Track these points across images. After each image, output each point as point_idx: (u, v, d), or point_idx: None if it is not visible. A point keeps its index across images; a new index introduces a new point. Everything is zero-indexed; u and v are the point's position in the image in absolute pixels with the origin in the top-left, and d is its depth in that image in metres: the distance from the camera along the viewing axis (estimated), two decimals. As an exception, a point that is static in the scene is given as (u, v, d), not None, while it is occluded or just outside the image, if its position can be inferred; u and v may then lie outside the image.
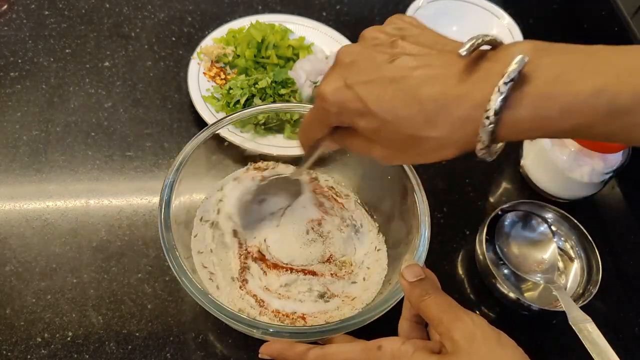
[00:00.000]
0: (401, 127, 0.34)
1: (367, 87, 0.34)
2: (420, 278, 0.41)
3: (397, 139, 0.35)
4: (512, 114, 0.31)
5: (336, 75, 0.36)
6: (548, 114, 0.30)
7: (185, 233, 0.52)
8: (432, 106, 0.32)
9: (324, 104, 0.36)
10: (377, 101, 0.34)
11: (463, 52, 0.32)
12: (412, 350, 0.38)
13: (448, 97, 0.32)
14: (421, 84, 0.33)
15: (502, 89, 0.30)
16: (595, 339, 0.49)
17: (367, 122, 0.35)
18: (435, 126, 0.33)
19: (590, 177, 0.63)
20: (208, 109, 0.67)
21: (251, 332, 0.43)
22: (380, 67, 0.34)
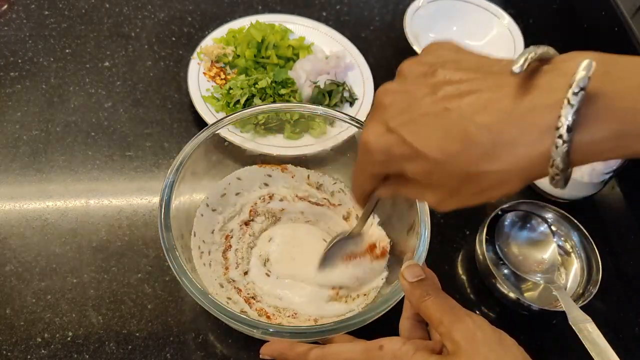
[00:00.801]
0: (455, 165, 0.30)
1: (410, 127, 0.31)
2: (420, 278, 0.41)
3: (452, 180, 0.31)
4: (589, 132, 0.27)
5: (376, 119, 0.33)
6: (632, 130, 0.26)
7: (185, 233, 0.52)
8: (488, 136, 0.28)
9: (368, 154, 0.33)
10: (424, 141, 0.30)
11: (516, 69, 0.28)
12: (413, 350, 0.38)
13: (505, 123, 0.28)
14: (471, 113, 0.29)
15: (573, 101, 0.26)
16: (595, 339, 0.49)
17: (417, 166, 0.31)
18: (494, 159, 0.29)
19: (590, 177, 0.63)
20: (208, 109, 0.67)
21: (251, 332, 0.43)
22: (422, 103, 0.31)
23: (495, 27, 0.82)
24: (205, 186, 0.55)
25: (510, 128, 0.28)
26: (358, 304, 0.52)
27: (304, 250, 0.55)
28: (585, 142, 0.27)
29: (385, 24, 0.86)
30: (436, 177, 0.31)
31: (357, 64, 0.76)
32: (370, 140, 0.33)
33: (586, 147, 0.27)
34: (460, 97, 0.30)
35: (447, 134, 0.30)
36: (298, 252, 0.55)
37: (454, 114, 0.30)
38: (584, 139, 0.27)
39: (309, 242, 0.56)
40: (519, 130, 0.28)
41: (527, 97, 0.28)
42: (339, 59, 0.74)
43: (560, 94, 0.27)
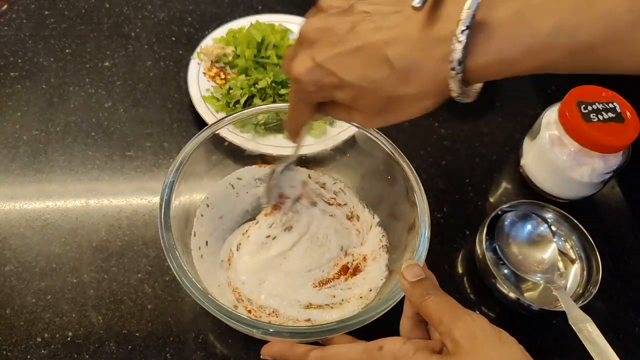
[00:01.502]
0: (377, 90, 0.35)
1: (335, 60, 0.35)
2: (420, 278, 0.41)
3: (376, 103, 0.36)
4: (476, 60, 0.31)
5: (304, 54, 0.37)
6: (511, 56, 0.30)
7: (185, 233, 0.52)
8: (401, 65, 0.33)
9: (301, 85, 0.38)
10: (348, 71, 0.35)
11: (416, 4, 0.32)
12: (413, 350, 0.38)
13: (413, 53, 0.33)
14: (386, 45, 0.33)
15: (461, 38, 0.30)
16: (595, 339, 0.49)
17: (345, 93, 0.36)
18: (408, 83, 0.34)
19: (590, 177, 0.63)
20: (208, 109, 0.67)
21: (251, 332, 0.43)
22: (343, 38, 0.35)
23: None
24: (205, 186, 0.55)
25: (418, 57, 0.33)
26: (358, 305, 0.52)
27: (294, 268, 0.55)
28: (474, 68, 0.31)
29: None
30: (362, 101, 0.36)
31: (357, 64, 0.76)
32: (302, 74, 0.37)
33: (475, 72, 0.32)
34: (376, 31, 0.34)
35: (368, 64, 0.34)
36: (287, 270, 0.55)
37: (372, 47, 0.34)
38: (472, 65, 0.31)
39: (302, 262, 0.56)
40: (424, 58, 0.33)
41: (428, 28, 0.32)
42: (339, 59, 0.73)
43: (453, 26, 0.31)
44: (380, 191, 0.56)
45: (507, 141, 0.73)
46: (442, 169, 0.69)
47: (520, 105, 0.77)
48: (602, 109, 0.61)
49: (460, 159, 0.70)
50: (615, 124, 0.60)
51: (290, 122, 0.44)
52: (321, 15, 0.38)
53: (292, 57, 0.39)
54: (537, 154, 0.66)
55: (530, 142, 0.68)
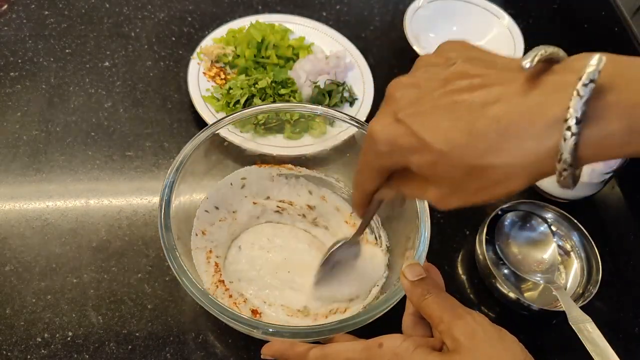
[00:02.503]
0: (460, 157, 0.29)
1: (418, 118, 0.31)
2: (421, 277, 0.41)
3: (455, 174, 0.30)
4: (598, 126, 0.26)
5: (385, 111, 0.33)
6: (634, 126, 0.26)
7: (185, 233, 0.52)
8: (495, 128, 0.28)
9: (373, 145, 0.33)
10: (430, 132, 0.30)
11: (526, 64, 0.28)
12: (413, 347, 0.38)
13: (513, 115, 0.28)
14: (480, 106, 0.29)
15: (582, 92, 0.26)
16: (595, 339, 0.49)
17: (422, 158, 0.31)
18: (500, 152, 0.28)
19: (590, 177, 0.63)
20: (208, 109, 0.67)
21: (251, 332, 0.43)
22: (432, 96, 0.31)
23: (495, 27, 0.82)
24: (205, 186, 0.55)
25: (518, 121, 0.27)
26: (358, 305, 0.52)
27: (299, 259, 0.55)
28: (594, 137, 0.26)
29: (385, 24, 0.86)
30: (440, 169, 0.31)
31: (357, 64, 0.76)
32: (377, 130, 0.32)
33: (595, 142, 0.26)
34: (470, 90, 0.30)
35: (454, 125, 0.29)
36: (293, 261, 0.55)
37: (463, 107, 0.29)
38: (592, 133, 0.26)
39: (303, 251, 0.56)
40: (526, 123, 0.27)
41: (536, 91, 0.28)
42: (339, 59, 0.74)
43: (570, 89, 0.26)
44: (380, 191, 0.56)
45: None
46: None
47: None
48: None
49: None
50: (615, 124, 0.60)
51: (355, 190, 0.39)
52: (415, 73, 0.33)
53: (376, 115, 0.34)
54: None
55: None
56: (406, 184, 0.35)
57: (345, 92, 0.72)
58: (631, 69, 0.27)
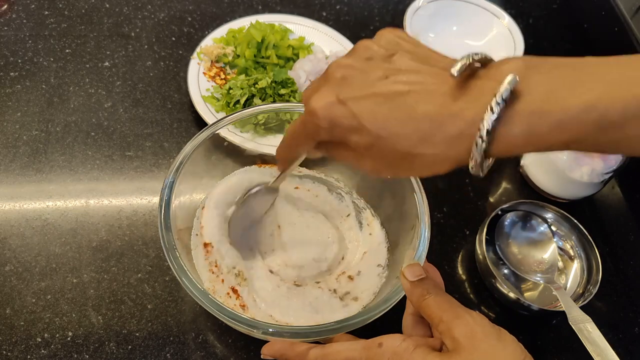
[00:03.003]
0: (395, 144, 0.33)
1: (361, 103, 0.34)
2: (421, 277, 0.41)
3: (390, 155, 0.34)
4: (504, 132, 0.31)
5: (327, 89, 0.35)
6: (540, 130, 0.30)
7: (185, 233, 0.52)
8: (428, 125, 0.32)
9: (314, 119, 0.35)
10: (371, 118, 0.33)
11: (455, 73, 0.32)
12: (412, 347, 0.38)
13: (443, 116, 0.32)
14: (416, 102, 0.33)
15: (495, 109, 0.30)
16: (595, 339, 0.49)
17: (360, 138, 0.34)
18: (430, 144, 0.33)
19: (590, 177, 0.63)
20: (208, 109, 0.67)
21: (251, 332, 0.43)
22: (374, 83, 0.34)
23: (495, 27, 0.82)
24: (205, 186, 0.55)
25: (446, 121, 0.32)
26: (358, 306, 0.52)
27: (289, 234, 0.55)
28: (500, 139, 0.31)
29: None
30: (375, 150, 0.34)
31: (357, 64, 0.76)
32: (319, 107, 0.35)
33: (501, 144, 0.31)
34: (409, 84, 0.33)
35: (393, 115, 0.33)
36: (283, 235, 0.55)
37: (402, 100, 0.33)
38: (499, 137, 0.31)
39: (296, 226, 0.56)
40: (452, 123, 0.32)
41: (463, 96, 0.32)
42: (339, 59, 0.73)
43: (487, 98, 0.31)
44: (380, 191, 0.57)
45: (507, 141, 0.73)
46: (442, 169, 0.69)
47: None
48: (602, 109, 0.61)
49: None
50: (615, 124, 0.60)
51: (284, 150, 0.42)
52: (355, 57, 0.36)
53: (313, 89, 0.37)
54: (537, 154, 0.66)
55: (530, 142, 0.68)
56: (340, 152, 0.38)
57: (345, 92, 0.72)
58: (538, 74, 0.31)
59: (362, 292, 0.52)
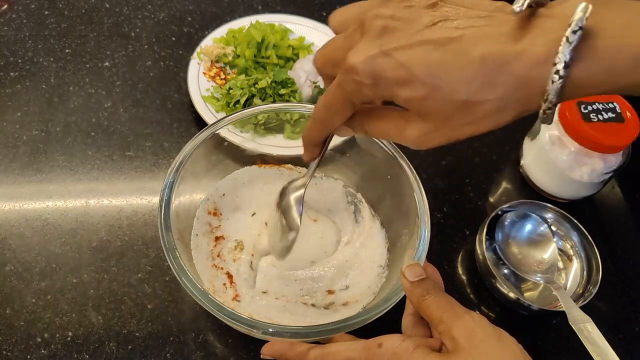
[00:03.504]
0: (454, 92, 0.30)
1: (409, 52, 0.30)
2: (421, 277, 0.41)
3: (446, 108, 0.31)
4: (580, 68, 0.28)
5: (367, 42, 0.31)
6: (620, 65, 0.28)
7: (185, 233, 0.52)
8: (490, 65, 0.29)
9: (355, 76, 0.31)
10: (423, 66, 0.30)
11: (517, 9, 0.29)
12: (412, 347, 0.38)
13: (507, 55, 0.29)
14: (473, 45, 0.29)
15: (572, 39, 0.27)
16: (595, 339, 0.49)
17: (412, 91, 0.30)
18: (494, 87, 0.29)
19: (590, 177, 0.63)
20: (208, 109, 0.67)
21: (251, 332, 0.43)
22: (422, 31, 0.30)
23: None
24: (205, 186, 0.55)
25: (511, 61, 0.29)
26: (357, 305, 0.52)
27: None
28: (576, 77, 0.28)
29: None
30: (431, 103, 0.31)
31: (357, 64, 0.76)
32: (360, 61, 0.31)
33: (577, 82, 0.29)
34: (462, 28, 0.30)
35: (448, 61, 0.30)
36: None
37: (455, 44, 0.30)
38: (575, 74, 0.28)
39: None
40: (518, 63, 0.29)
41: (526, 33, 0.29)
42: (339, 59, 0.73)
43: (557, 32, 0.28)
44: (380, 191, 0.57)
45: (507, 141, 0.73)
46: (442, 169, 0.69)
47: (520, 105, 0.77)
48: (602, 109, 0.61)
49: (460, 158, 0.70)
50: (615, 124, 0.60)
51: (314, 129, 0.37)
52: (394, 5, 0.32)
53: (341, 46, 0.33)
54: (537, 154, 0.66)
55: (530, 142, 0.68)
56: (376, 121, 0.34)
57: (345, 92, 0.72)
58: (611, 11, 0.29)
59: (360, 294, 0.52)
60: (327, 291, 0.52)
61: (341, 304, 0.51)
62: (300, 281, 0.52)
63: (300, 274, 0.52)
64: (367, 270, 0.54)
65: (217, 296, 0.48)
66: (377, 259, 0.54)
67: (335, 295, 0.52)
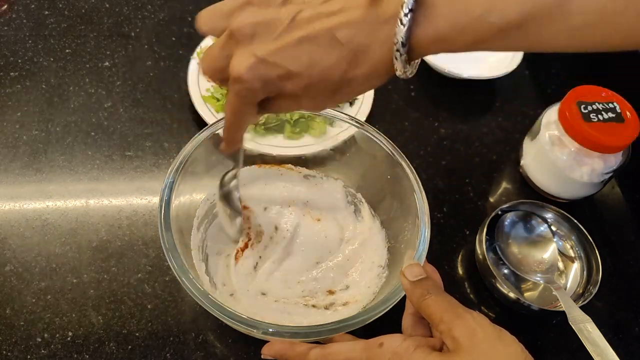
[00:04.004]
0: (328, 76, 0.35)
1: (281, 52, 0.35)
2: (421, 277, 0.41)
3: (327, 88, 0.36)
4: (417, 39, 0.33)
5: (243, 51, 0.35)
6: (447, 34, 0.33)
7: (186, 233, 0.52)
8: (351, 47, 0.34)
9: (245, 85, 0.36)
10: (296, 62, 0.35)
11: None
12: (413, 347, 0.38)
13: (361, 35, 0.34)
14: (333, 30, 0.34)
15: (404, 20, 0.32)
16: (595, 339, 0.49)
17: (294, 84, 0.35)
18: (358, 65, 0.34)
19: (590, 177, 0.63)
20: (208, 109, 0.67)
21: (251, 332, 0.43)
22: (285, 29, 0.35)
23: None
24: (205, 186, 0.55)
25: (366, 39, 0.34)
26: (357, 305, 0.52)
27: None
28: (415, 47, 0.33)
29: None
30: (313, 88, 0.36)
31: (357, 64, 0.76)
32: (243, 71, 0.35)
33: (417, 50, 0.33)
34: (319, 18, 0.34)
35: (315, 51, 0.34)
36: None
37: (318, 33, 0.34)
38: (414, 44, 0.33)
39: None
40: (372, 40, 0.34)
41: (373, 12, 0.34)
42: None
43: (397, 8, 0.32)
44: (380, 191, 0.57)
45: (507, 141, 0.73)
46: (441, 169, 0.69)
47: (520, 105, 0.77)
48: (602, 108, 0.61)
49: (460, 159, 0.70)
50: (615, 124, 0.60)
51: (230, 129, 0.41)
52: (253, 9, 0.36)
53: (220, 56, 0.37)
54: (537, 154, 0.66)
55: (530, 142, 0.68)
56: (280, 104, 0.38)
57: (345, 92, 0.72)
58: None
59: (360, 293, 0.52)
60: (327, 291, 0.52)
61: (341, 304, 0.51)
62: (302, 283, 0.52)
63: (305, 275, 0.52)
64: (367, 271, 0.54)
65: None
66: (377, 259, 0.54)
67: (335, 296, 0.52)
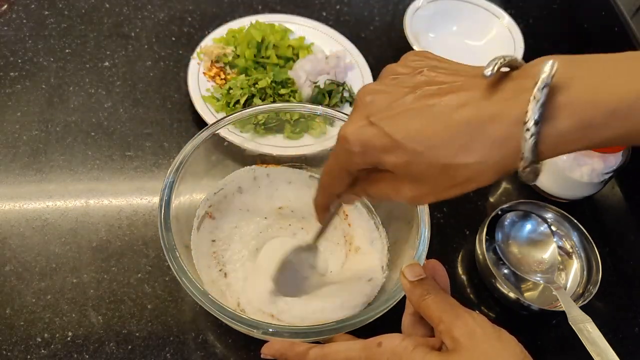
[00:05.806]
0: (434, 156, 0.32)
1: (392, 120, 0.33)
2: (421, 277, 0.41)
3: (430, 172, 0.32)
4: (554, 125, 0.29)
5: (357, 114, 0.34)
6: (593, 121, 0.28)
7: (186, 233, 0.52)
8: (466, 129, 0.30)
9: (346, 145, 0.34)
10: (405, 133, 0.32)
11: (487, 73, 0.30)
12: (412, 346, 0.38)
13: (481, 118, 0.30)
14: (450, 109, 0.31)
15: (538, 96, 0.28)
16: (595, 339, 0.49)
17: (396, 157, 0.33)
18: (472, 151, 0.31)
19: (590, 177, 0.63)
20: (208, 109, 0.67)
21: (251, 332, 0.43)
22: (404, 100, 0.33)
23: (495, 27, 0.82)
24: (205, 186, 0.55)
25: (486, 123, 0.30)
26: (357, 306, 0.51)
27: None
28: (551, 135, 0.29)
29: (385, 24, 0.86)
30: (415, 168, 0.33)
31: (357, 64, 0.76)
32: (350, 132, 0.34)
33: (552, 139, 0.29)
34: (439, 95, 0.32)
35: (427, 126, 0.32)
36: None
37: (433, 110, 0.32)
38: (549, 131, 0.29)
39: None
40: (493, 125, 0.30)
41: (500, 97, 0.31)
42: (339, 59, 0.74)
43: (527, 93, 0.29)
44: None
45: (507, 141, 0.73)
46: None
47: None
48: (602, 109, 0.61)
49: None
50: (615, 124, 0.60)
51: (320, 193, 0.41)
52: (382, 81, 0.36)
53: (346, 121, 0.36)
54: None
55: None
56: (374, 185, 0.37)
57: (345, 92, 0.72)
58: (581, 68, 0.30)
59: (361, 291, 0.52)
60: None
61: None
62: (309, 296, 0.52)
63: (312, 292, 0.52)
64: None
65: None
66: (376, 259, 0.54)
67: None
